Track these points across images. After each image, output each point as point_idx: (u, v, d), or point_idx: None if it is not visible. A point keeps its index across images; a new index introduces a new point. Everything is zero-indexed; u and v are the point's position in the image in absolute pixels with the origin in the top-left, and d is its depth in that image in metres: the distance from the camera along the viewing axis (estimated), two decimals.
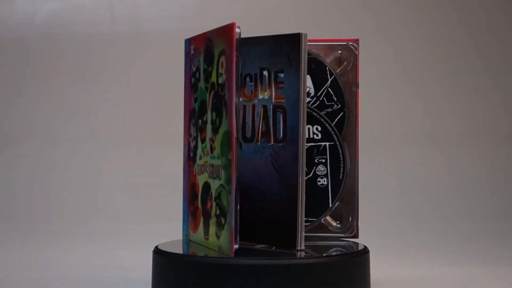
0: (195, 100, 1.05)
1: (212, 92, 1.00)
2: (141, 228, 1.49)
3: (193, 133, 1.06)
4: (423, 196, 1.74)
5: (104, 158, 1.76)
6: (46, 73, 1.80)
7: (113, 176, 1.74)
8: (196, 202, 1.04)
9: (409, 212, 1.70)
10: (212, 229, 1.00)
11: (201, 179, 1.03)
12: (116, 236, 1.54)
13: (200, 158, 1.03)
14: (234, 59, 0.95)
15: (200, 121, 1.04)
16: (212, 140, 1.00)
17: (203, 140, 1.03)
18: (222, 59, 0.98)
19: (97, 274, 1.19)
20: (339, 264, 0.97)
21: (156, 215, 1.60)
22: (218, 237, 0.98)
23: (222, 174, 0.97)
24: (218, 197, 0.98)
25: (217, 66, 0.99)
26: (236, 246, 0.95)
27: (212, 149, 1.00)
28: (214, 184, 0.99)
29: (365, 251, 1.01)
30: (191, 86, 1.07)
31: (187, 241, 1.07)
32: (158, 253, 1.01)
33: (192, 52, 1.06)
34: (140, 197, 1.66)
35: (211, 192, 1.00)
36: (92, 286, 1.11)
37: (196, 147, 1.05)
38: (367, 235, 1.19)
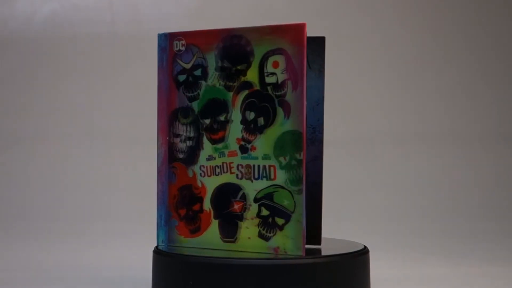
0: (191, 99, 1.02)
1: (246, 91, 0.98)
2: (141, 228, 1.49)
3: (185, 133, 1.03)
4: (423, 196, 1.74)
5: (104, 158, 1.76)
6: (46, 73, 1.80)
7: (113, 176, 1.74)
8: (198, 205, 1.02)
9: (409, 212, 1.70)
10: (251, 231, 0.98)
11: (212, 181, 1.01)
12: (116, 236, 1.54)
13: (211, 159, 1.01)
14: (305, 59, 0.95)
15: (207, 121, 1.01)
16: (245, 140, 0.99)
17: (216, 141, 1.00)
18: (276, 58, 0.97)
19: (97, 274, 1.19)
20: (339, 264, 0.97)
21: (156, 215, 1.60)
22: (267, 238, 0.97)
23: (279, 174, 0.96)
24: (267, 197, 0.97)
25: (260, 65, 0.98)
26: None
27: (246, 149, 0.98)
28: (255, 185, 0.98)
29: (365, 251, 1.01)
30: (174, 83, 1.03)
31: (165, 246, 1.04)
32: (158, 253, 1.01)
33: (181, 48, 1.03)
34: (141, 197, 1.66)
35: (246, 194, 0.99)
36: (92, 286, 1.11)
37: (194, 147, 1.02)
38: (367, 235, 1.20)
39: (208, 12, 1.82)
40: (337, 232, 1.16)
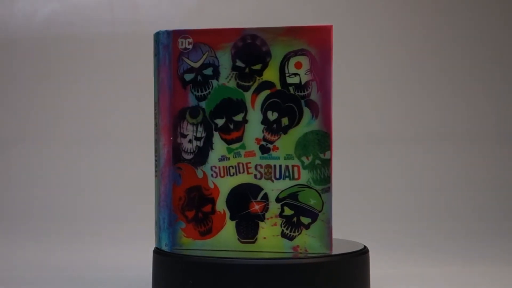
0: (200, 98, 1.00)
1: (268, 91, 0.99)
2: (141, 228, 1.49)
3: (193, 133, 1.01)
4: (423, 196, 1.74)
5: (104, 158, 1.76)
6: (46, 73, 1.80)
7: (113, 176, 1.74)
8: (209, 206, 1.00)
9: (409, 212, 1.70)
10: (272, 230, 0.99)
11: (226, 182, 1.00)
12: (116, 236, 1.54)
13: (224, 159, 1.00)
14: (332, 61, 0.97)
15: (221, 121, 1.00)
16: (267, 140, 0.99)
17: (231, 141, 1.00)
18: (299, 59, 0.98)
19: (97, 274, 1.19)
20: (339, 264, 0.97)
21: None
22: (291, 237, 0.98)
23: (303, 174, 0.97)
24: (291, 197, 0.98)
25: (280, 65, 0.98)
26: None
27: (267, 149, 0.99)
28: (276, 185, 0.98)
29: (365, 250, 1.01)
30: (180, 82, 1.01)
31: (169, 249, 1.01)
32: (158, 253, 1.01)
33: (187, 46, 1.01)
34: (141, 197, 1.66)
35: (266, 194, 0.99)
36: (92, 286, 1.11)
37: (203, 148, 1.00)
38: (367, 235, 1.20)
39: (208, 12, 1.82)
40: (337, 232, 1.16)
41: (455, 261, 1.32)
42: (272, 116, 0.99)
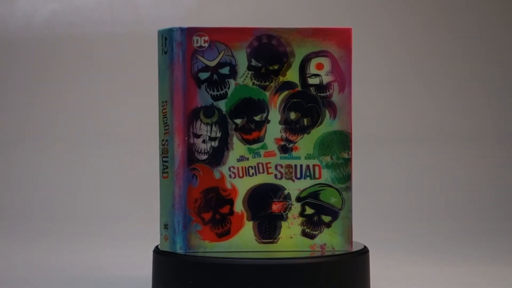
0: (216, 98, 0.98)
1: (288, 92, 0.99)
2: (141, 228, 1.49)
3: (208, 133, 0.98)
4: (423, 196, 1.74)
5: (104, 158, 1.76)
6: (46, 73, 1.80)
7: (113, 176, 1.74)
8: (228, 208, 0.98)
9: (409, 212, 1.70)
10: (293, 230, 0.99)
11: (244, 182, 0.99)
12: (116, 236, 1.54)
13: (243, 160, 0.98)
14: (352, 63, 1.00)
15: (240, 121, 0.98)
16: (287, 141, 0.99)
17: (251, 141, 0.99)
18: (320, 60, 0.99)
19: (97, 274, 1.19)
20: (339, 264, 0.97)
21: (156, 215, 1.60)
22: (312, 236, 0.99)
23: (324, 173, 0.99)
24: (312, 196, 0.99)
25: (300, 66, 0.99)
26: None
27: (288, 149, 0.99)
28: (297, 185, 0.99)
29: (365, 251, 1.01)
30: (194, 81, 0.98)
31: (184, 252, 0.99)
32: (158, 253, 1.00)
33: (203, 44, 0.98)
34: (141, 197, 1.66)
35: (288, 193, 0.99)
36: (92, 286, 1.11)
37: (219, 148, 0.98)
38: (367, 235, 1.19)
39: (208, 12, 1.82)
40: None
41: (455, 261, 1.32)
42: (294, 116, 0.99)
